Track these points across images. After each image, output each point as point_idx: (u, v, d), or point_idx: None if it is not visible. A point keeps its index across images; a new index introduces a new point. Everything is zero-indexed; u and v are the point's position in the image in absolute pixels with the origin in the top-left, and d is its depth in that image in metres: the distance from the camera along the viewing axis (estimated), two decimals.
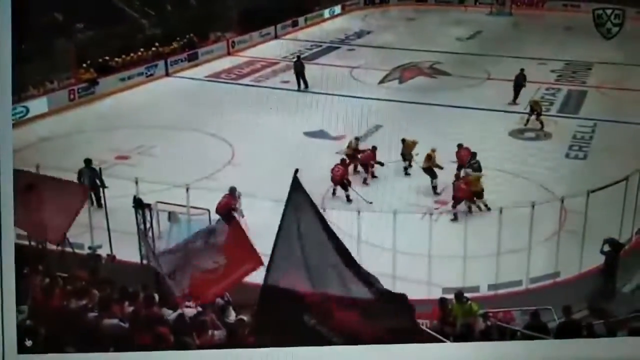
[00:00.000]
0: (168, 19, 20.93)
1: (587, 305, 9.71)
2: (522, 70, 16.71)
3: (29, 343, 7.17)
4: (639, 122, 14.44)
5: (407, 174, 12.90)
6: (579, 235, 10.33)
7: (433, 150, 12.27)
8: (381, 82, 18.40)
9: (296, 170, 7.02)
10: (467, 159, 12.29)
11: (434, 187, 12.14)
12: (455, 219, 11.36)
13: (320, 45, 21.71)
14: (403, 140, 13.05)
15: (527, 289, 9.87)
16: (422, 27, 23.40)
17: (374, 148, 13.03)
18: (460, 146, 12.69)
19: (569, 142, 14.54)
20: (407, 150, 12.98)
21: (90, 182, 11.36)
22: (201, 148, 14.08)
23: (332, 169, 12.23)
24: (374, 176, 12.89)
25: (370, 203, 11.94)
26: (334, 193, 12.27)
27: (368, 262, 10.00)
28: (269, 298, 6.82)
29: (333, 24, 23.92)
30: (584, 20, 22.40)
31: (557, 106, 16.70)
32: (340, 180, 12.17)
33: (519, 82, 16.52)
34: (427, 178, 12.50)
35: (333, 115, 15.51)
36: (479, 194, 11.58)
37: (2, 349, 7.15)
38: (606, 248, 10.02)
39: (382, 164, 12.91)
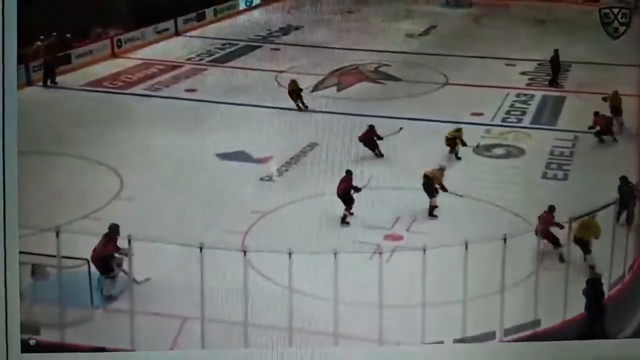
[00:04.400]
0: (29, 11, 20.42)
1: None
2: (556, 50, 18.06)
3: (32, 342, 8.98)
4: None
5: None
6: (561, 274, 10.74)
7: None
8: (315, 89, 18.65)
9: None
10: None
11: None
12: None
13: (236, 44, 21.81)
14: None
15: (502, 342, 10.13)
16: (363, 21, 23.91)
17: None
18: None
19: (546, 160, 15.17)
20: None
21: None
22: (78, 178, 13.74)
23: None
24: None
25: None
26: None
27: (303, 316, 10.18)
28: None
29: (251, 18, 24.09)
30: (557, 12, 23.66)
31: (529, 116, 17.39)
32: None
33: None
34: (375, 209, 12.75)
35: (255, 131, 15.60)
36: None
37: (6, 348, 8.72)
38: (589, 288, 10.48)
39: None
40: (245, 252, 10.63)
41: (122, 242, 10.88)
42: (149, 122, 15.89)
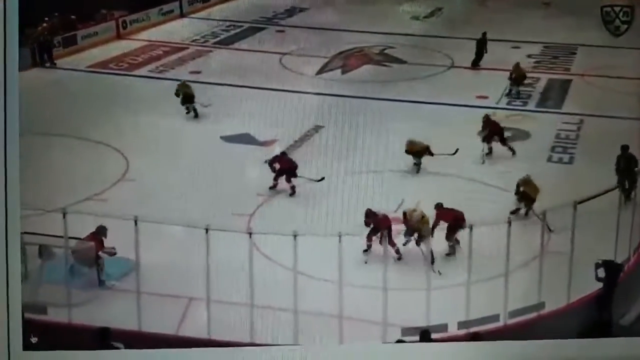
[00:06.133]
0: None
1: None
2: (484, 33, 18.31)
3: (34, 340, 9.03)
4: (634, 116, 15.14)
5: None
6: (566, 257, 10.76)
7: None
8: (320, 72, 18.63)
9: None
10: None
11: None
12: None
13: (241, 26, 21.78)
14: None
15: (506, 325, 10.17)
16: (368, 3, 23.85)
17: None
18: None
19: (551, 143, 15.19)
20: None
21: None
22: (83, 160, 13.80)
23: None
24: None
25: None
26: None
27: (307, 299, 10.24)
28: None
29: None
30: None
31: (535, 99, 17.40)
32: None
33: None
34: (378, 192, 12.78)
35: (260, 114, 15.59)
36: None
37: (8, 345, 8.80)
38: (601, 273, 10.47)
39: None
40: (250, 234, 10.67)
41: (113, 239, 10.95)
42: (154, 104, 15.92)
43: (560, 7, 22.28)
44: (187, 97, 15.89)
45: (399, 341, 9.56)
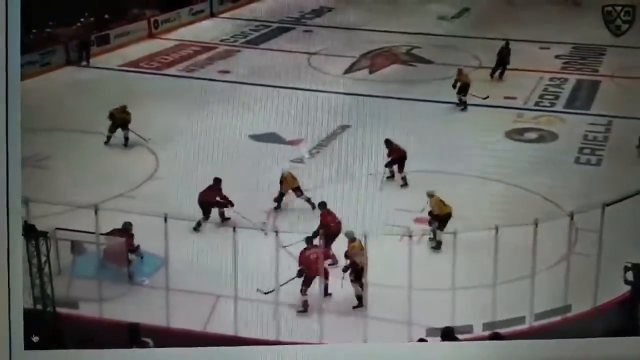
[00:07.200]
0: None
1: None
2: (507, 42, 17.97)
3: (35, 339, 8.95)
4: None
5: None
6: (593, 260, 10.66)
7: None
8: (347, 71, 18.66)
9: None
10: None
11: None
12: None
13: (269, 26, 21.89)
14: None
15: (532, 327, 10.12)
16: (396, 3, 23.83)
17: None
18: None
19: (579, 145, 15.03)
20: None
21: None
22: (115, 158, 13.98)
23: None
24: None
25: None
26: None
27: (334, 297, 10.27)
28: None
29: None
30: None
31: (563, 100, 17.25)
32: None
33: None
34: (405, 192, 12.74)
35: (287, 113, 15.66)
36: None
37: (10, 345, 8.72)
38: (630, 276, 10.36)
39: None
40: (277, 232, 10.72)
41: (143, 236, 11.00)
42: (184, 102, 16.02)
43: (590, 6, 22.05)
44: (121, 124, 14.72)
45: (420, 340, 9.53)
